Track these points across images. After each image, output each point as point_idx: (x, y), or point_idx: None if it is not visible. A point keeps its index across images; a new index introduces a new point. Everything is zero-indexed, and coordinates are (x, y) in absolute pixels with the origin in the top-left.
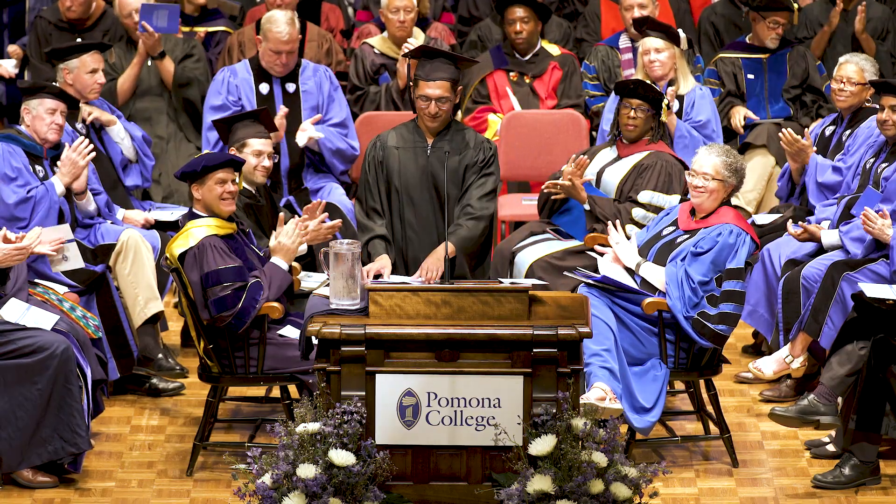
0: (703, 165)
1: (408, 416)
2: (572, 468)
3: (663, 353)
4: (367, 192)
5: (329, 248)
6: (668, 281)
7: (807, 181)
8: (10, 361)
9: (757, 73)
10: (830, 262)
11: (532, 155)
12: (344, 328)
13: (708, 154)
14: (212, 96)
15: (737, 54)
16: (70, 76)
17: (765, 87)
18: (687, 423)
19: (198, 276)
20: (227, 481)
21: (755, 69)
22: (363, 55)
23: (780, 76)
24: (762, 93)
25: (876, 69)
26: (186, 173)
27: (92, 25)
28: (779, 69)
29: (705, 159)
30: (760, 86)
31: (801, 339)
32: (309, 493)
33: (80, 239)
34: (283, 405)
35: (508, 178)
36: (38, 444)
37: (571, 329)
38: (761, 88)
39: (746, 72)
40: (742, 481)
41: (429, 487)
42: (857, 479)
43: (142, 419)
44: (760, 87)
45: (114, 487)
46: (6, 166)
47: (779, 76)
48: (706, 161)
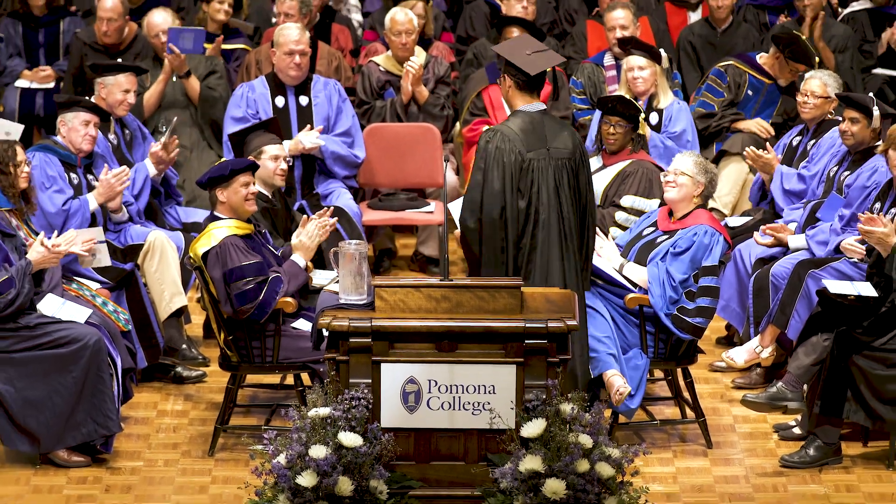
0: (674, 164)
1: (410, 401)
2: (560, 449)
3: (643, 344)
4: None
5: (339, 248)
6: (651, 281)
7: (772, 189)
8: (47, 352)
9: (756, 92)
10: (797, 261)
11: None
12: (352, 321)
13: (680, 156)
14: (232, 109)
15: (747, 69)
16: (104, 91)
17: (756, 105)
18: (665, 408)
19: (219, 273)
20: (246, 461)
21: (757, 88)
22: (369, 72)
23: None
24: (753, 108)
25: (839, 84)
26: (214, 178)
27: (125, 49)
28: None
29: (677, 160)
30: (754, 102)
31: (769, 331)
32: (320, 471)
33: (110, 240)
34: (297, 392)
35: None
36: (73, 427)
37: (560, 322)
38: (753, 104)
39: (749, 88)
40: (716, 461)
41: (430, 467)
42: (821, 459)
43: (167, 404)
44: (753, 104)
45: (142, 467)
46: (43, 174)
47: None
48: (677, 161)
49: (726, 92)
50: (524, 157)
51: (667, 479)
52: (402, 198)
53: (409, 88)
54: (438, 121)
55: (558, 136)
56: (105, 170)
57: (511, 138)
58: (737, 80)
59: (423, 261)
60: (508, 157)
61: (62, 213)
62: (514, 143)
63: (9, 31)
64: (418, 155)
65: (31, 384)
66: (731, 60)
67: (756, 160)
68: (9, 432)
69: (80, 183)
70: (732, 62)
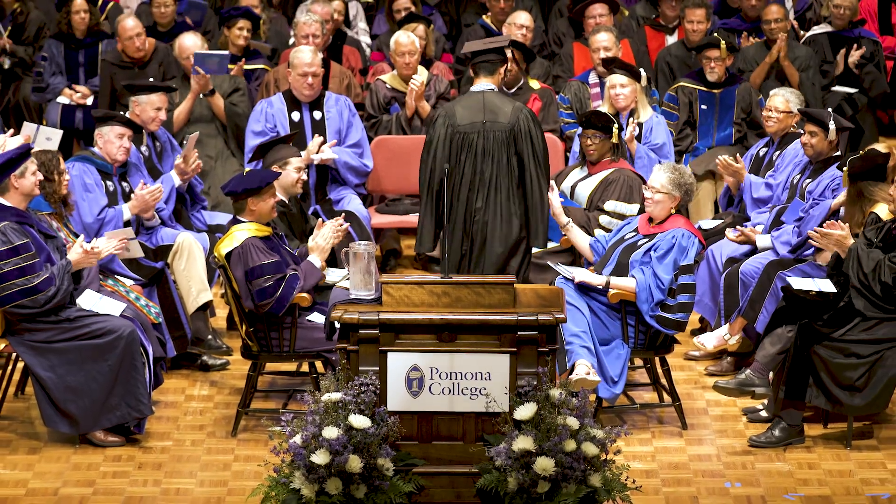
0: (653, 181)
1: (414, 387)
2: (550, 430)
3: (625, 335)
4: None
5: (349, 248)
6: (639, 290)
7: (743, 196)
8: (86, 342)
9: (710, 105)
10: (765, 260)
11: None
12: (361, 314)
13: (658, 171)
14: (253, 123)
15: (695, 85)
16: (138, 108)
17: (714, 118)
18: (644, 393)
19: (241, 271)
20: (265, 441)
21: (709, 101)
22: (377, 89)
23: (728, 109)
24: (712, 122)
25: (800, 100)
26: (250, 189)
27: (148, 61)
28: (728, 102)
29: (655, 176)
30: (711, 116)
31: (738, 321)
32: (332, 450)
33: (143, 241)
34: (311, 378)
35: None
36: (109, 411)
37: (549, 315)
38: (711, 118)
39: (701, 102)
40: (690, 441)
41: (431, 446)
42: (786, 439)
43: (194, 390)
44: (711, 118)
45: (171, 446)
46: (81, 183)
47: (727, 109)
48: (655, 178)
49: (680, 113)
50: (455, 129)
51: (646, 457)
52: (407, 203)
53: (413, 104)
54: None
55: (500, 111)
56: (141, 185)
57: (449, 114)
58: (689, 99)
59: (425, 260)
60: (442, 129)
61: (98, 221)
62: (449, 118)
63: (52, 51)
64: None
65: (71, 371)
66: (679, 82)
67: (727, 168)
68: (51, 415)
69: (116, 190)
70: (681, 83)
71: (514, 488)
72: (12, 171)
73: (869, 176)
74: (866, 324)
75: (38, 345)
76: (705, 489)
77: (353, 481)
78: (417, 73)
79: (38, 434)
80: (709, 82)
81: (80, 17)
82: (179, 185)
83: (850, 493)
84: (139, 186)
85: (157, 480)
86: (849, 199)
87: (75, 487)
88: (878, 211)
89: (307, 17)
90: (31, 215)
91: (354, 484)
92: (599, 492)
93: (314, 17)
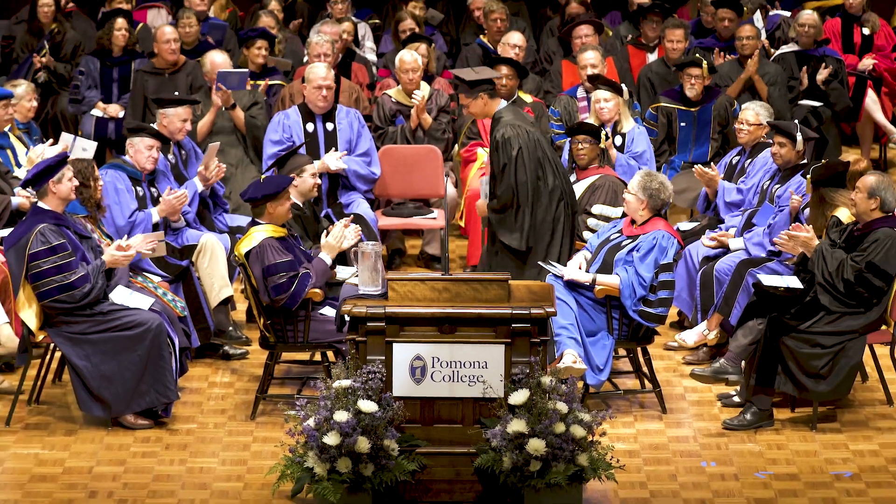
0: (629, 187)
1: (417, 375)
2: (541, 414)
3: (610, 327)
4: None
5: (358, 247)
6: (623, 287)
7: (717, 201)
8: (117, 333)
9: (688, 123)
10: (737, 259)
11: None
12: (369, 308)
13: (634, 178)
14: (270, 133)
15: (674, 105)
16: (166, 119)
17: (692, 135)
18: (627, 380)
19: (259, 269)
20: (281, 424)
21: (687, 119)
22: (383, 102)
23: (706, 125)
24: (689, 138)
25: (770, 113)
26: (268, 194)
27: (176, 71)
28: (705, 118)
29: (631, 182)
30: (689, 133)
31: (715, 317)
32: (343, 432)
33: (169, 241)
34: (323, 367)
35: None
36: (139, 396)
37: (541, 309)
38: (689, 135)
39: (680, 120)
40: (669, 424)
41: (433, 429)
42: (757, 423)
43: (216, 377)
44: (689, 134)
45: (195, 428)
46: (114, 188)
47: (705, 125)
48: (631, 184)
49: (660, 131)
50: (530, 141)
51: (629, 438)
52: (411, 207)
53: (416, 116)
54: (440, 143)
55: (530, 118)
56: (168, 190)
57: (518, 132)
58: (668, 117)
59: (427, 259)
60: (525, 139)
61: (129, 224)
62: (520, 135)
63: (89, 66)
64: (424, 171)
65: (104, 360)
66: (660, 100)
67: (703, 176)
68: (86, 400)
69: (145, 195)
70: (661, 102)
71: (508, 467)
72: (51, 178)
73: (830, 183)
74: (830, 317)
75: (74, 336)
76: (683, 468)
77: (361, 460)
78: (420, 88)
79: (74, 418)
80: (687, 100)
81: (122, 34)
82: (202, 190)
83: (815, 472)
84: (166, 192)
85: (182, 460)
86: (812, 204)
87: (108, 466)
88: (840, 214)
89: (319, 37)
90: (67, 218)
91: (363, 463)
92: (586, 470)
93: (326, 37)
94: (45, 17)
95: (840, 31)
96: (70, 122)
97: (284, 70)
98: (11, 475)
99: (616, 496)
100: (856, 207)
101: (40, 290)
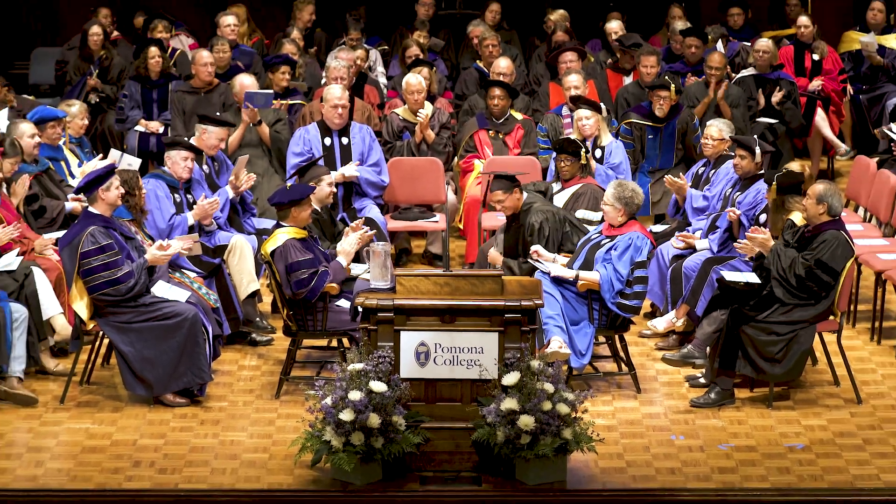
0: (605, 198)
1: (421, 359)
2: (531, 393)
3: (591, 317)
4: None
5: (370, 247)
6: (603, 282)
7: (685, 206)
8: (158, 322)
9: (655, 135)
10: (703, 258)
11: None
12: (380, 300)
13: (609, 190)
14: (293, 146)
15: (642, 121)
16: (205, 135)
17: (658, 148)
18: (606, 364)
19: (283, 266)
20: (302, 402)
21: (654, 133)
22: (391, 120)
23: (670, 137)
24: (657, 149)
25: (732, 129)
26: (294, 200)
27: (211, 91)
28: (670, 131)
29: (606, 194)
30: (656, 144)
31: (682, 307)
32: (356, 410)
33: (204, 242)
34: (339, 352)
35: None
36: (177, 378)
37: (530, 301)
38: (656, 146)
39: (648, 133)
40: (643, 402)
41: (435, 406)
42: (720, 401)
43: (245, 361)
44: (655, 145)
45: (226, 406)
46: (154, 195)
47: (669, 137)
48: (606, 195)
49: (635, 142)
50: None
51: (607, 415)
52: (416, 211)
53: (421, 132)
54: (442, 156)
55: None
56: (202, 197)
57: (547, 209)
58: (639, 132)
59: (430, 257)
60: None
61: (168, 226)
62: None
63: (131, 89)
64: (427, 180)
65: (147, 346)
66: (630, 117)
67: (673, 185)
68: (130, 381)
69: (182, 201)
70: (632, 118)
71: (501, 440)
72: (100, 186)
73: (790, 190)
74: (784, 308)
75: (120, 325)
76: (655, 441)
77: (372, 434)
78: (424, 107)
79: (120, 396)
80: (654, 117)
81: (155, 61)
82: (233, 196)
83: (771, 444)
84: (201, 198)
85: (215, 433)
86: (773, 209)
87: (150, 439)
88: (794, 218)
89: (336, 62)
90: (114, 221)
91: (374, 436)
92: (570, 443)
93: (342, 62)
94: (94, 45)
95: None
96: (116, 137)
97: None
98: (66, 447)
99: (596, 465)
100: (806, 212)
101: (90, 285)
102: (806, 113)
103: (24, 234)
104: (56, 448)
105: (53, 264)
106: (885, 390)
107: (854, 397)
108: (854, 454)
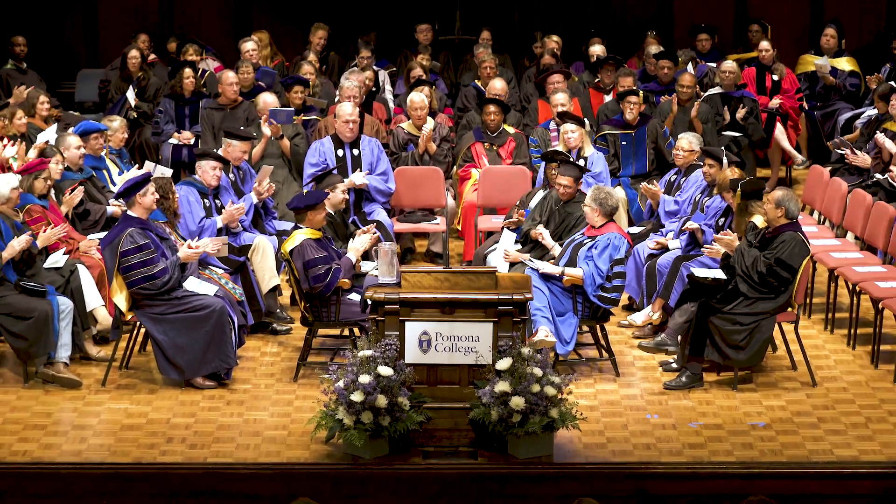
0: (585, 201)
1: (424, 346)
2: (521, 377)
3: (575, 309)
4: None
5: (378, 247)
6: (585, 277)
7: (659, 210)
8: (189, 314)
9: (628, 142)
10: (675, 256)
11: (499, 192)
12: (387, 294)
13: (588, 193)
14: (309, 157)
15: (615, 130)
16: (230, 148)
17: (632, 152)
18: (589, 350)
19: (300, 263)
20: (318, 385)
21: (626, 139)
22: (397, 133)
23: (641, 143)
24: (630, 155)
25: (701, 141)
26: (311, 204)
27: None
28: (642, 138)
29: (587, 197)
30: (629, 150)
31: (657, 302)
32: (366, 391)
33: (230, 242)
34: (350, 340)
35: (484, 206)
36: (206, 363)
37: (521, 295)
38: (629, 151)
39: (621, 140)
40: (622, 385)
41: (436, 389)
42: (690, 384)
43: (267, 348)
44: (629, 151)
45: (250, 388)
46: (186, 200)
47: (641, 143)
48: (586, 198)
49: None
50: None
51: (590, 396)
52: (419, 214)
53: (423, 145)
54: (442, 165)
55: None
56: (229, 203)
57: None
58: (613, 141)
59: (432, 255)
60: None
61: (199, 228)
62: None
63: (166, 106)
64: (429, 187)
65: (179, 335)
66: (603, 129)
67: (648, 191)
68: (165, 366)
69: (211, 206)
70: (606, 130)
71: (495, 419)
72: (137, 192)
73: (752, 196)
74: (747, 301)
75: (156, 316)
76: (632, 419)
77: (380, 413)
78: (426, 122)
79: (155, 380)
80: (626, 125)
81: (190, 81)
82: (256, 202)
83: (735, 422)
84: (228, 204)
85: (240, 413)
86: (738, 212)
87: (182, 418)
88: (756, 220)
89: (348, 82)
90: (150, 223)
91: (381, 415)
92: (557, 421)
93: (353, 82)
94: (133, 67)
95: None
96: (152, 148)
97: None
98: (106, 425)
99: (580, 441)
100: (767, 215)
101: (129, 280)
102: (767, 127)
103: (70, 234)
104: (98, 426)
105: (96, 262)
106: (838, 374)
107: (810, 380)
108: (810, 431)
